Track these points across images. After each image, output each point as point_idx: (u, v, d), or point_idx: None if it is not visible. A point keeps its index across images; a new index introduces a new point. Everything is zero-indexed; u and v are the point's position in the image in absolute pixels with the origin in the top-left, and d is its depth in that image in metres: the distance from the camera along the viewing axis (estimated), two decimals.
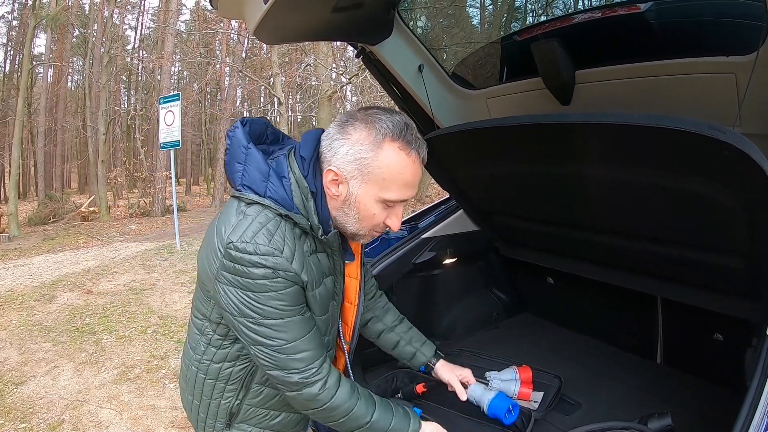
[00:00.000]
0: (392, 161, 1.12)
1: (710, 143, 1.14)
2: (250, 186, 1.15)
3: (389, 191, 1.15)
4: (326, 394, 1.20)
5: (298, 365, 1.17)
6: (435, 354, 1.75)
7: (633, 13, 1.58)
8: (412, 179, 1.16)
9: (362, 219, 1.20)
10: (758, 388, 1.01)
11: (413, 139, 1.15)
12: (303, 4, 1.57)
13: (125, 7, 22.74)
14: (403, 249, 2.24)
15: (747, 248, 1.48)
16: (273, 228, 1.12)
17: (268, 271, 1.09)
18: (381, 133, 1.12)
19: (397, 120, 1.14)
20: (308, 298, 1.21)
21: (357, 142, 1.13)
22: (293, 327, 1.16)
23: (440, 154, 2.11)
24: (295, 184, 1.15)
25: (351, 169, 1.14)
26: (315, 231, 1.17)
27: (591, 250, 2.12)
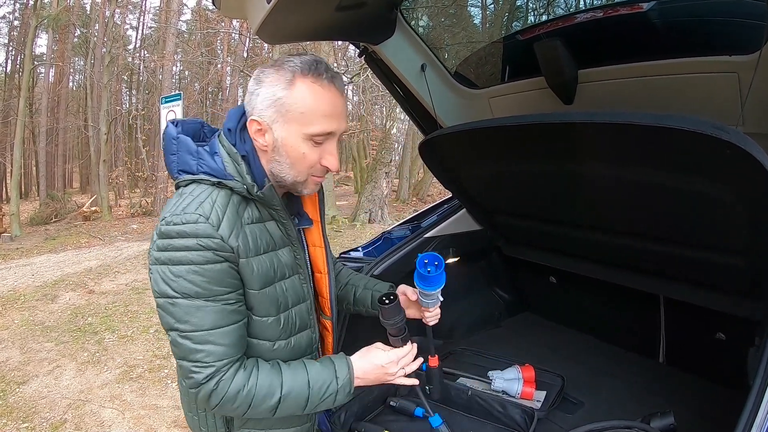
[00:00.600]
0: (307, 94, 1.12)
1: (713, 142, 1.15)
2: (184, 169, 1.17)
3: (312, 125, 1.13)
4: (221, 388, 1.12)
5: (203, 358, 1.11)
6: (389, 289, 1.62)
7: (636, 13, 1.58)
8: (331, 109, 1.15)
9: (294, 163, 1.17)
10: (761, 387, 1.01)
11: (324, 71, 1.13)
12: (306, 3, 1.57)
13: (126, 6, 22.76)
14: (406, 248, 2.24)
15: (749, 247, 1.48)
16: (204, 197, 1.12)
17: (192, 241, 1.07)
18: (290, 71, 1.12)
19: (306, 58, 1.14)
20: (242, 269, 1.14)
21: (270, 85, 1.13)
22: (208, 314, 1.10)
23: (443, 153, 2.12)
24: (226, 155, 1.16)
25: (270, 114, 1.14)
26: (252, 192, 1.15)
27: (593, 250, 2.13)
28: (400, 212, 13.70)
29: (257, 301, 1.20)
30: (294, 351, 1.31)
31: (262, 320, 1.22)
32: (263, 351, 1.25)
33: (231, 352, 1.14)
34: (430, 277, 1.41)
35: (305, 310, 1.34)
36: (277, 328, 1.25)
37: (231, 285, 1.14)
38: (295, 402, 1.19)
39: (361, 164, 18.34)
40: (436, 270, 1.40)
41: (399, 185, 17.38)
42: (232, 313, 1.14)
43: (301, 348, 1.33)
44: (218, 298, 1.11)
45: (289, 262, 1.27)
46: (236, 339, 1.15)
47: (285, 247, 1.26)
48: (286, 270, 1.26)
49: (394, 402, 1.85)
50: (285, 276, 1.26)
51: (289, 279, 1.28)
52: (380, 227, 10.31)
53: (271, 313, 1.23)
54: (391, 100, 11.47)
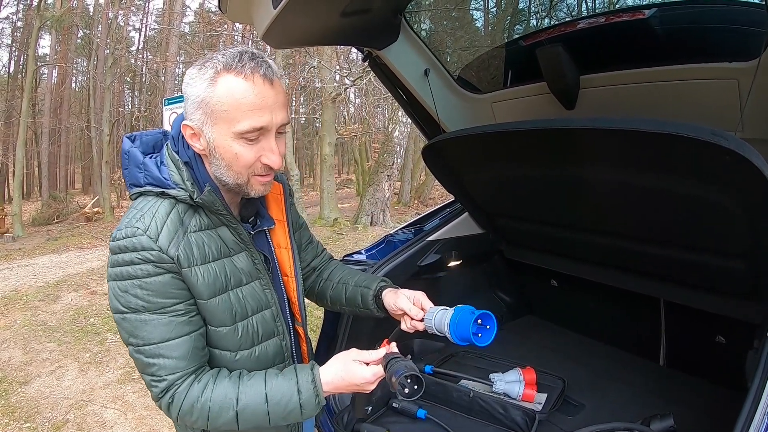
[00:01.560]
0: (230, 90, 1.03)
1: (712, 149, 1.16)
2: (133, 182, 1.14)
3: (238, 122, 1.05)
4: (177, 400, 1.09)
5: (156, 371, 1.08)
6: (379, 284, 1.48)
7: (637, 20, 1.60)
8: (259, 102, 1.05)
9: (231, 164, 1.10)
10: (759, 388, 1.02)
11: (248, 62, 1.04)
12: (311, 9, 1.59)
13: (129, 8, 22.81)
14: (409, 251, 2.25)
15: (748, 251, 1.49)
16: (146, 209, 1.09)
17: (131, 255, 1.05)
18: (212, 68, 1.05)
19: (230, 52, 1.06)
20: (186, 279, 1.09)
21: (194, 86, 1.06)
22: (156, 327, 1.07)
23: (446, 157, 2.13)
24: (171, 163, 1.12)
25: (198, 116, 1.07)
26: (193, 197, 1.10)
27: (594, 253, 2.14)
28: (401, 215, 13.69)
29: (208, 310, 1.14)
30: (260, 361, 1.24)
31: (216, 330, 1.17)
32: (226, 361, 1.20)
33: (183, 364, 1.10)
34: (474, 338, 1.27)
35: (270, 317, 1.26)
36: (235, 338, 1.19)
37: (177, 296, 1.10)
38: (254, 416, 1.12)
39: (363, 167, 18.35)
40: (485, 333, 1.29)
41: (401, 188, 17.37)
42: (182, 325, 1.10)
43: (268, 357, 1.26)
44: (165, 311, 1.08)
45: (246, 268, 1.21)
46: (188, 351, 1.11)
47: (241, 253, 1.21)
48: (242, 276, 1.20)
49: (396, 404, 1.87)
50: (242, 283, 1.20)
51: (248, 285, 1.21)
52: (382, 230, 10.32)
53: (225, 322, 1.17)
54: (393, 103, 11.49)
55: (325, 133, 12.23)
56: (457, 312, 1.28)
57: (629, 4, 1.78)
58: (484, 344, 1.29)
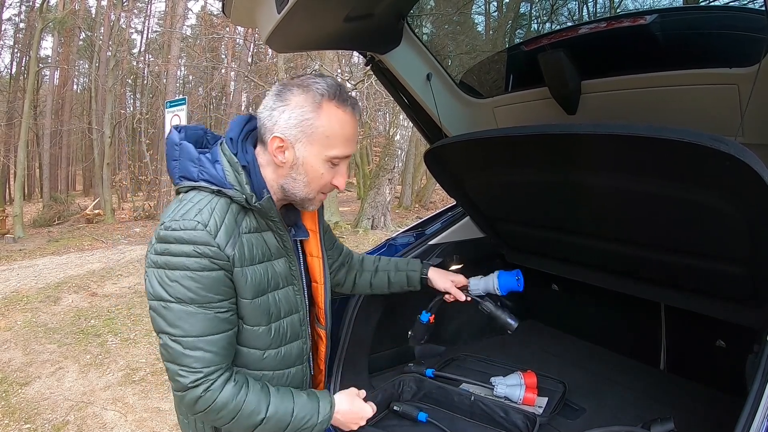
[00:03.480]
0: (333, 119, 1.18)
1: (712, 154, 1.17)
2: (185, 175, 1.20)
3: (334, 148, 1.20)
4: (209, 396, 1.14)
5: (191, 363, 1.12)
6: (424, 265, 1.84)
7: (638, 25, 1.61)
8: (352, 134, 1.22)
9: (311, 181, 1.23)
10: (758, 392, 1.03)
11: (348, 97, 1.20)
12: (315, 14, 1.60)
13: (132, 11, 22.87)
14: (410, 255, 2.26)
15: (749, 256, 1.50)
16: (203, 205, 1.14)
17: (189, 248, 1.09)
18: (319, 94, 1.17)
19: (331, 82, 1.19)
20: (236, 278, 1.16)
21: (297, 106, 1.17)
22: (200, 320, 1.12)
23: (448, 161, 2.14)
24: (227, 164, 1.18)
25: (295, 133, 1.17)
26: (250, 202, 1.17)
27: (595, 258, 2.14)
28: (402, 219, 13.71)
29: (249, 310, 1.21)
30: (284, 360, 1.33)
31: (252, 329, 1.24)
32: (253, 360, 1.27)
33: (218, 359, 1.15)
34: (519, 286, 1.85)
35: (297, 320, 1.35)
36: (268, 338, 1.27)
37: (224, 293, 1.16)
38: (275, 426, 1.21)
39: (364, 170, 18.37)
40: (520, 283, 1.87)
41: (402, 192, 17.40)
42: (223, 322, 1.16)
43: (291, 357, 1.35)
44: (211, 306, 1.13)
45: (283, 273, 1.29)
46: (225, 347, 1.17)
47: (281, 258, 1.29)
48: (280, 280, 1.28)
49: (397, 407, 1.87)
50: (279, 286, 1.28)
51: (283, 290, 1.30)
52: (383, 233, 10.33)
53: (261, 322, 1.24)
54: (394, 107, 11.51)
55: None
56: (501, 275, 1.87)
57: (630, 10, 1.78)
58: (521, 289, 1.89)
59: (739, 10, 1.57)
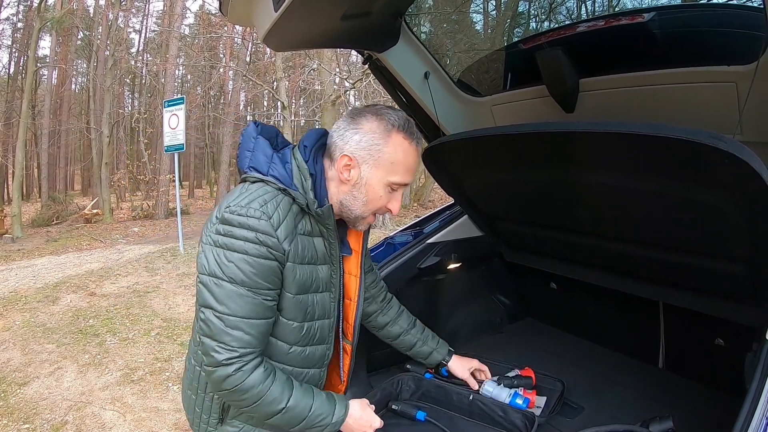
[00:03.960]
0: (399, 148, 1.28)
1: (711, 152, 1.17)
2: (255, 167, 1.27)
3: (396, 174, 1.30)
4: (239, 376, 1.20)
5: (229, 341, 1.18)
6: (449, 352, 1.92)
7: (636, 23, 1.61)
8: (414, 165, 1.32)
9: (369, 201, 1.32)
10: (757, 390, 1.03)
11: (415, 131, 1.31)
12: (312, 12, 1.59)
13: (130, 10, 22.83)
14: (408, 254, 2.26)
15: (747, 254, 1.50)
16: (269, 198, 1.21)
17: (251, 234, 1.17)
18: (390, 123, 1.28)
19: (402, 115, 1.31)
20: (287, 272, 1.25)
21: (369, 131, 1.28)
22: (247, 303, 1.19)
23: (446, 160, 2.13)
24: (296, 167, 1.28)
25: (363, 155, 1.27)
26: (311, 207, 1.25)
27: (593, 256, 2.14)
28: (401, 217, 13.69)
29: (290, 304, 1.29)
30: (307, 360, 1.40)
31: (288, 323, 1.31)
32: (279, 351, 1.34)
33: (255, 343, 1.22)
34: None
35: (327, 326, 1.43)
36: (299, 334, 1.34)
37: (274, 283, 1.23)
38: (292, 418, 1.27)
39: None
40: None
41: None
42: (266, 309, 1.23)
43: (314, 359, 1.42)
44: (260, 292, 1.20)
45: (325, 279, 1.38)
46: (263, 333, 1.24)
47: (325, 264, 1.37)
48: (321, 284, 1.37)
49: (396, 406, 1.87)
50: (319, 290, 1.36)
51: (321, 294, 1.38)
52: (381, 232, 10.32)
53: (297, 318, 1.32)
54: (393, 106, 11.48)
55: None
56: (516, 396, 1.87)
57: (628, 8, 1.78)
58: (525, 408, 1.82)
59: (738, 8, 1.57)
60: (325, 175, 1.32)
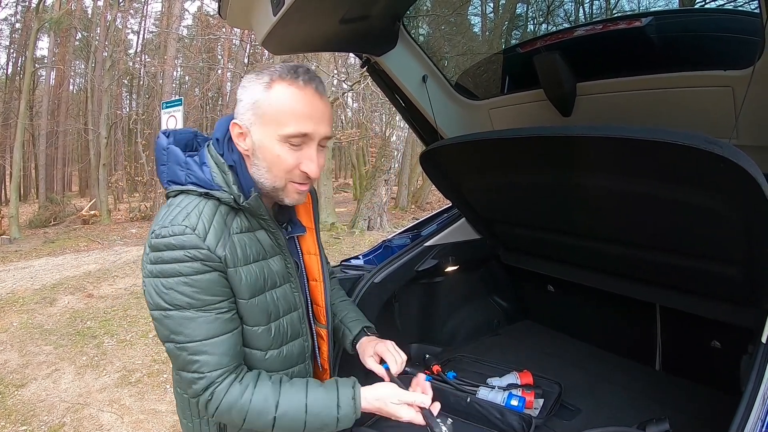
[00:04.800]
0: (283, 95, 1.12)
1: (707, 156, 1.18)
2: (173, 180, 1.18)
3: (286, 126, 1.12)
4: (215, 400, 1.13)
5: (198, 368, 1.12)
6: (361, 331, 1.56)
7: (633, 28, 1.62)
8: (308, 110, 1.13)
9: (271, 166, 1.16)
10: (752, 392, 1.03)
11: (303, 74, 1.14)
12: (311, 16, 1.60)
13: (128, 11, 22.83)
14: (406, 256, 2.26)
15: (743, 257, 1.51)
16: (191, 208, 1.13)
17: (180, 253, 1.09)
18: (269, 76, 1.14)
19: (287, 64, 1.15)
20: (231, 278, 1.15)
21: (250, 89, 1.15)
22: (201, 324, 1.11)
23: (444, 163, 2.14)
24: (214, 165, 1.17)
25: (249, 116, 1.15)
26: (239, 201, 1.15)
27: (591, 259, 2.15)
28: (399, 219, 13.72)
29: (247, 310, 1.20)
30: (286, 360, 1.31)
31: (252, 329, 1.22)
32: (255, 361, 1.25)
33: (226, 361, 1.14)
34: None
35: (297, 318, 1.34)
36: (268, 338, 1.25)
37: (222, 293, 1.14)
38: (292, 423, 1.16)
39: (361, 171, 18.39)
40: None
41: (398, 193, 17.40)
42: (226, 323, 1.15)
43: (293, 357, 1.33)
44: (210, 308, 1.12)
45: (280, 271, 1.27)
46: (230, 348, 1.16)
47: (276, 256, 1.27)
48: (277, 279, 1.26)
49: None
50: (276, 285, 1.26)
51: (281, 288, 1.28)
52: (379, 234, 10.33)
53: (261, 322, 1.23)
54: (390, 108, 11.51)
55: None
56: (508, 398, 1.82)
57: (626, 12, 1.79)
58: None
59: (734, 13, 1.58)
60: (246, 162, 1.20)
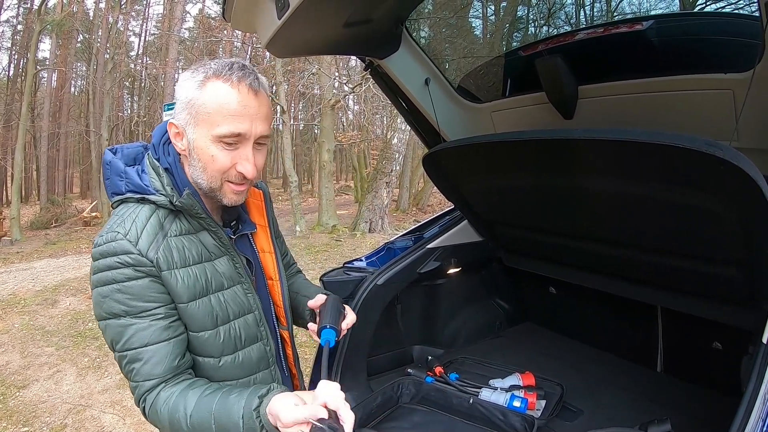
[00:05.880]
0: (215, 94, 1.08)
1: (707, 159, 1.19)
2: (114, 191, 1.16)
3: (219, 126, 1.08)
4: (152, 408, 1.09)
5: (135, 377, 1.09)
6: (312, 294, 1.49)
7: (634, 31, 1.63)
8: (241, 110, 1.09)
9: (206, 166, 1.13)
10: (753, 393, 1.04)
11: (237, 71, 1.09)
12: (316, 19, 1.61)
13: (129, 13, 22.86)
14: (409, 259, 2.27)
15: (743, 258, 1.52)
16: (127, 215, 1.11)
17: (112, 260, 1.06)
18: (203, 74, 1.10)
19: (224, 62, 1.11)
20: (166, 282, 1.10)
21: (184, 89, 1.11)
22: (136, 332, 1.08)
23: (446, 166, 2.15)
24: (152, 170, 1.15)
25: (184, 116, 1.11)
26: (173, 201, 1.12)
27: (592, 261, 2.16)
28: (400, 222, 13.71)
29: (188, 314, 1.14)
30: (245, 366, 1.24)
31: (198, 335, 1.17)
32: (210, 369, 1.20)
33: (159, 370, 1.09)
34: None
35: (253, 321, 1.27)
36: (217, 343, 1.19)
37: (156, 299, 1.10)
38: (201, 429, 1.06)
39: (362, 174, 18.38)
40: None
41: (399, 195, 17.39)
42: (161, 330, 1.10)
43: (251, 362, 1.26)
44: (144, 315, 1.09)
45: (227, 272, 1.22)
46: (166, 356, 1.10)
47: (222, 257, 1.22)
48: (224, 281, 1.21)
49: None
50: (223, 287, 1.21)
51: (229, 290, 1.22)
52: (380, 237, 10.33)
53: (206, 326, 1.17)
54: (392, 111, 11.52)
55: (324, 139, 12.27)
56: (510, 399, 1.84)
57: (627, 16, 1.80)
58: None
59: (734, 17, 1.59)
60: (182, 163, 1.18)
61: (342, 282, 2.11)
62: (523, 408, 1.86)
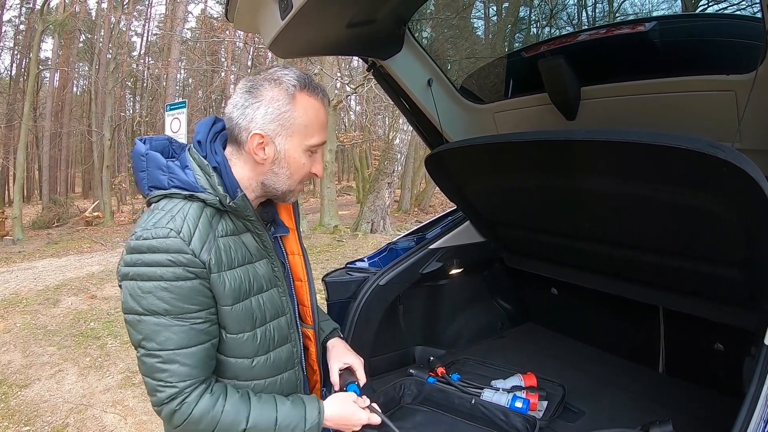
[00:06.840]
0: (309, 108, 1.18)
1: (710, 160, 1.19)
2: (155, 185, 1.16)
3: (312, 137, 1.20)
4: (185, 410, 1.10)
5: (167, 378, 1.09)
6: (333, 331, 1.59)
7: (637, 32, 1.63)
8: (325, 120, 1.23)
9: (293, 173, 1.21)
10: (755, 395, 1.04)
11: (317, 86, 1.20)
12: (319, 20, 1.62)
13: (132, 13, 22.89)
14: (411, 259, 2.27)
15: (745, 259, 1.52)
16: (176, 211, 1.10)
17: (163, 257, 1.06)
18: (291, 85, 1.16)
19: (298, 73, 1.20)
20: (213, 285, 1.12)
21: (272, 100, 1.15)
22: (176, 333, 1.08)
23: (449, 166, 2.15)
24: (197, 167, 1.15)
25: (274, 127, 1.16)
26: (224, 203, 1.13)
27: (594, 261, 2.16)
28: (402, 222, 13.71)
29: (230, 317, 1.16)
30: (275, 366, 1.28)
31: (236, 337, 1.18)
32: (242, 369, 1.22)
33: (196, 373, 1.11)
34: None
35: (285, 323, 1.30)
36: (254, 344, 1.22)
37: (201, 303, 1.11)
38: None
39: (364, 174, 18.39)
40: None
41: (401, 195, 17.39)
42: (200, 334, 1.12)
43: (281, 362, 1.29)
44: (186, 317, 1.09)
45: (266, 275, 1.25)
46: (202, 360, 1.12)
47: (262, 260, 1.24)
48: (264, 283, 1.23)
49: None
50: (262, 289, 1.23)
51: (267, 292, 1.25)
52: (382, 237, 10.33)
53: (245, 329, 1.19)
54: (393, 111, 11.53)
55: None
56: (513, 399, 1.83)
57: (630, 18, 1.80)
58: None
59: (737, 18, 1.59)
60: (229, 163, 1.19)
61: (344, 282, 2.11)
62: (525, 409, 1.86)
